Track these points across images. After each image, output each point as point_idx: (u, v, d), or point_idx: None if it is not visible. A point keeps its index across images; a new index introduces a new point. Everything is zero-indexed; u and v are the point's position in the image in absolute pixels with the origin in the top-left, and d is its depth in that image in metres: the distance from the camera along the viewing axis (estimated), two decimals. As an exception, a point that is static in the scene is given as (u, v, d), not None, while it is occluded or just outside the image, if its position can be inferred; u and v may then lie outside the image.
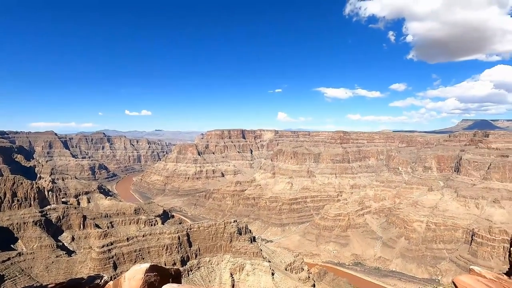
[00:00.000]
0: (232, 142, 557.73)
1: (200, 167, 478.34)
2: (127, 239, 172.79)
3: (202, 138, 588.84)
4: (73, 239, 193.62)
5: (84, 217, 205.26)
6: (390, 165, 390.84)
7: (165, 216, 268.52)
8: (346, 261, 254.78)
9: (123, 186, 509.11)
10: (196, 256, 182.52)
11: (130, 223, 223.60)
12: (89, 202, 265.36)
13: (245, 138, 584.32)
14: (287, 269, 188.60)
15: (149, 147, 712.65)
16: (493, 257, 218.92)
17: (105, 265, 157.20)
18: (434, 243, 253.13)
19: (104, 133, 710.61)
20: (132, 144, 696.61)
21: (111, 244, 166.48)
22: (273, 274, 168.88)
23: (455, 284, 19.13)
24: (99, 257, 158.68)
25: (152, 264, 15.64)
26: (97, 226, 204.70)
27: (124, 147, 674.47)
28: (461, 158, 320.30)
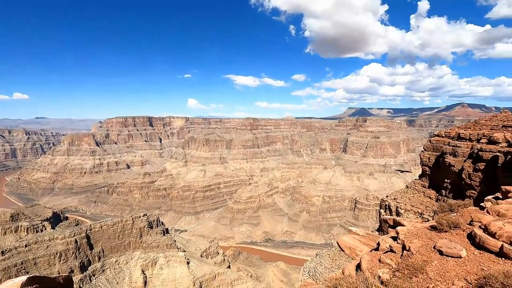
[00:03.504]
0: (138, 130, 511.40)
1: (99, 159, 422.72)
2: (2, 252, 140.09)
3: (100, 127, 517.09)
4: None
5: None
6: (294, 148, 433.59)
7: (56, 219, 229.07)
8: (258, 239, 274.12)
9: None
10: (99, 258, 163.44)
11: (6, 232, 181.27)
12: None
13: (152, 126, 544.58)
14: (202, 255, 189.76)
15: (28, 138, 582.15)
16: (369, 218, 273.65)
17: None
18: (328, 213, 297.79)
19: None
20: (2, 135, 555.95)
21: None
22: (188, 263, 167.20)
23: (338, 244, 23.07)
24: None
25: (32, 275, 12.95)
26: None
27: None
28: (347, 140, 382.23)
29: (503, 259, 11.08)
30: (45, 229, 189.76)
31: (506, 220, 13.48)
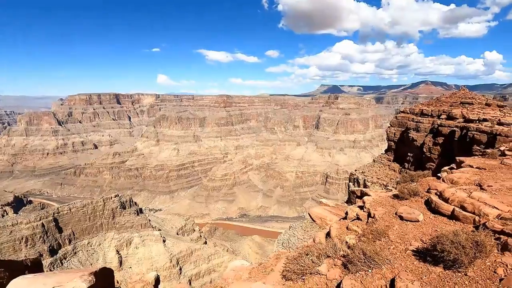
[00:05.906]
0: (104, 108, 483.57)
1: (63, 139, 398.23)
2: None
3: (62, 105, 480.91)
4: None
5: None
6: (268, 125, 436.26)
7: (19, 203, 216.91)
8: (234, 215, 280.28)
9: None
10: (70, 241, 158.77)
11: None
12: None
13: (120, 104, 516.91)
14: (178, 233, 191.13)
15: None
16: (339, 191, 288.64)
17: None
18: (301, 187, 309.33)
19: None
20: None
21: None
22: (164, 241, 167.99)
23: (310, 215, 24.37)
24: None
25: (-4, 260, 12.37)
26: None
27: None
28: (319, 117, 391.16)
29: (454, 221, 12.41)
30: (7, 214, 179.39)
31: (458, 187, 14.90)
